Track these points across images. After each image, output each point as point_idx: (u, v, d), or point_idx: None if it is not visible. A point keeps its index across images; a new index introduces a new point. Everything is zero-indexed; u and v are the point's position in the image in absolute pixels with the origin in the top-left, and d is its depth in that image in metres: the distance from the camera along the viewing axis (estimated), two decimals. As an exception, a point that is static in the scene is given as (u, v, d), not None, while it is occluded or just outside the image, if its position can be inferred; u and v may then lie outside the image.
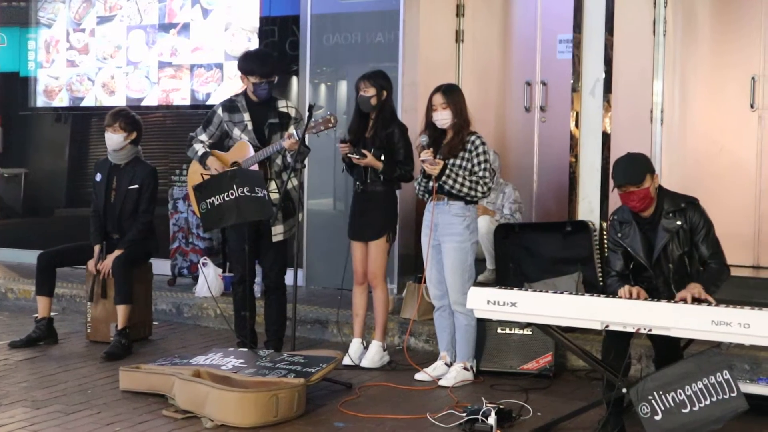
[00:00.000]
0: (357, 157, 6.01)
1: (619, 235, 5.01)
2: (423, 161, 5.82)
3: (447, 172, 5.78)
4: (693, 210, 4.93)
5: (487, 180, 5.85)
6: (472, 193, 5.83)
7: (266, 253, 6.27)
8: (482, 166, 5.84)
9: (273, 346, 6.22)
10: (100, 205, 6.76)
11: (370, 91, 6.10)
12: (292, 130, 6.10)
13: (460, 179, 5.80)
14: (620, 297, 4.77)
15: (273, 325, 6.34)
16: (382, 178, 6.11)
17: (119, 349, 6.42)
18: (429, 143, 5.87)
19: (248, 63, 6.21)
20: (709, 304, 4.58)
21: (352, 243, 6.30)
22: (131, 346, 6.54)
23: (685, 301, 4.65)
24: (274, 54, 7.87)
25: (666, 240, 4.91)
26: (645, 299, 4.72)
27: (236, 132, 6.22)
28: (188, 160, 6.65)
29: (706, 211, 4.98)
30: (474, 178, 5.82)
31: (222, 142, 6.30)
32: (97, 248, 6.72)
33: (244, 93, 6.30)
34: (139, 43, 9.35)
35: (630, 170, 4.88)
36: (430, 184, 5.86)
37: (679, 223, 4.90)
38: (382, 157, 6.08)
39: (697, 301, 4.64)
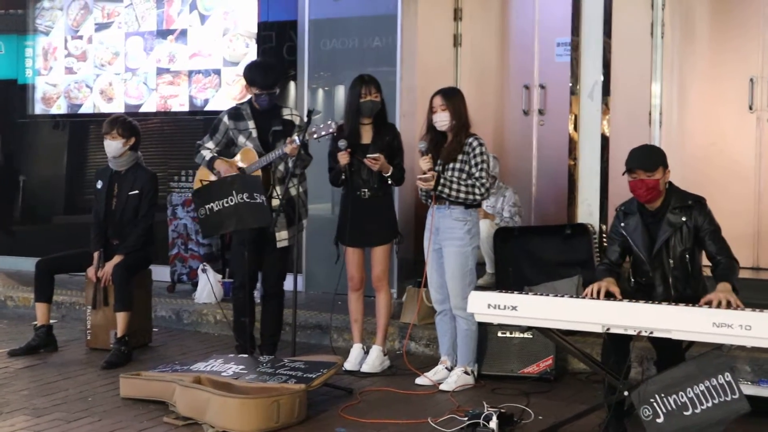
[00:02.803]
0: (374, 158, 5.97)
1: (623, 224, 5.04)
2: (418, 179, 5.82)
3: (442, 181, 5.78)
4: (699, 209, 4.95)
5: (484, 181, 5.84)
6: (470, 197, 5.83)
7: (268, 259, 6.26)
8: (480, 167, 5.83)
9: (267, 351, 6.22)
10: (101, 212, 6.74)
11: (378, 97, 6.11)
12: (294, 136, 6.11)
13: (455, 186, 5.79)
14: (584, 295, 4.80)
15: (269, 330, 6.33)
16: (389, 181, 6.10)
17: (119, 357, 6.40)
18: (428, 149, 5.87)
19: (251, 73, 6.25)
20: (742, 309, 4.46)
21: (347, 249, 6.26)
22: (131, 354, 6.53)
23: (709, 304, 4.55)
24: (278, 66, 7.85)
25: (668, 234, 4.92)
26: (615, 298, 4.71)
27: (241, 139, 6.23)
28: (187, 167, 6.65)
29: (712, 212, 4.99)
30: (471, 181, 5.82)
31: (228, 149, 6.32)
32: (96, 255, 6.70)
33: (250, 101, 6.32)
34: (137, 50, 9.35)
35: (645, 157, 4.95)
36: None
37: (684, 219, 4.92)
38: None
39: (728, 306, 4.53)
